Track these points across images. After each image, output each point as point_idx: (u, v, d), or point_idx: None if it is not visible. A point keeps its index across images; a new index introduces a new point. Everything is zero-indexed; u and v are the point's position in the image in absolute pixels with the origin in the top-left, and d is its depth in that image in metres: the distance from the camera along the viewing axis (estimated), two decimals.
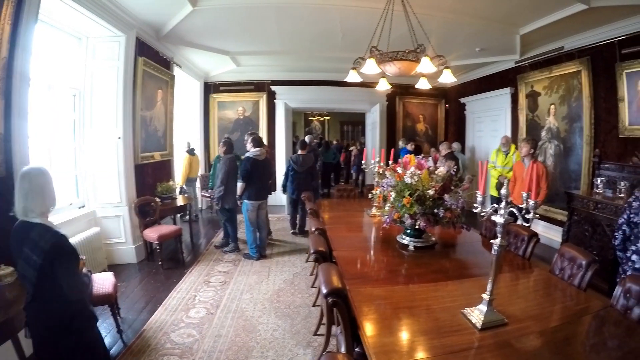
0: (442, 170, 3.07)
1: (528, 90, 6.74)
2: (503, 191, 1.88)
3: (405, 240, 3.14)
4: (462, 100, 9.10)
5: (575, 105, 5.68)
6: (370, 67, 3.50)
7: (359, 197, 6.11)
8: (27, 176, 1.96)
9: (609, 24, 4.91)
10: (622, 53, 4.85)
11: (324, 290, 1.99)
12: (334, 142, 14.30)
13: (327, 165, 11.40)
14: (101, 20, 4.27)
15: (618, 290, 2.22)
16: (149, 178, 5.93)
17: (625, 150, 4.94)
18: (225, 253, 5.61)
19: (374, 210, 4.02)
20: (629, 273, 2.67)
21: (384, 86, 4.44)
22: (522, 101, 6.90)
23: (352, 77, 3.92)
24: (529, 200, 1.81)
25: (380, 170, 3.79)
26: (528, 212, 1.81)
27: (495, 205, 1.90)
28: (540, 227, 6.29)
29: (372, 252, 3.25)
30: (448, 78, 3.73)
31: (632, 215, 2.73)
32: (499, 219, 1.86)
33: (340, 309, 1.98)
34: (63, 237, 1.96)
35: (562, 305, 2.23)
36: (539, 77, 6.41)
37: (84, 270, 2.33)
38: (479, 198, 2.01)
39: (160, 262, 4.97)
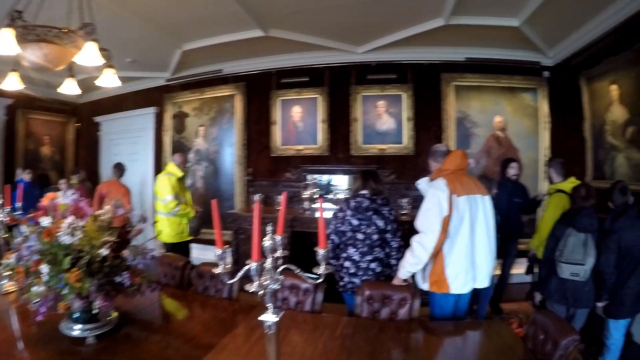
0: (107, 214, 2.02)
1: (176, 110, 6.53)
2: (268, 243, 1.29)
3: (77, 330, 1.91)
4: (97, 119, 7.74)
5: (227, 127, 6.00)
6: (5, 43, 2.03)
7: None
8: None
9: (270, 55, 5.49)
10: (280, 82, 5.56)
11: None
12: None
13: None
14: None
15: (358, 299, 2.38)
16: None
17: (278, 167, 5.69)
18: None
19: (6, 284, 2.36)
20: (345, 279, 2.84)
21: (14, 85, 2.83)
22: (168, 122, 6.61)
23: None
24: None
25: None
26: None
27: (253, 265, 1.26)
28: (196, 251, 6.02)
29: None
30: (110, 81, 2.82)
31: (338, 225, 2.91)
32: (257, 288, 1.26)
33: None
34: None
35: (324, 341, 1.98)
36: (190, 98, 6.35)
37: None
38: (219, 252, 1.34)
39: None
